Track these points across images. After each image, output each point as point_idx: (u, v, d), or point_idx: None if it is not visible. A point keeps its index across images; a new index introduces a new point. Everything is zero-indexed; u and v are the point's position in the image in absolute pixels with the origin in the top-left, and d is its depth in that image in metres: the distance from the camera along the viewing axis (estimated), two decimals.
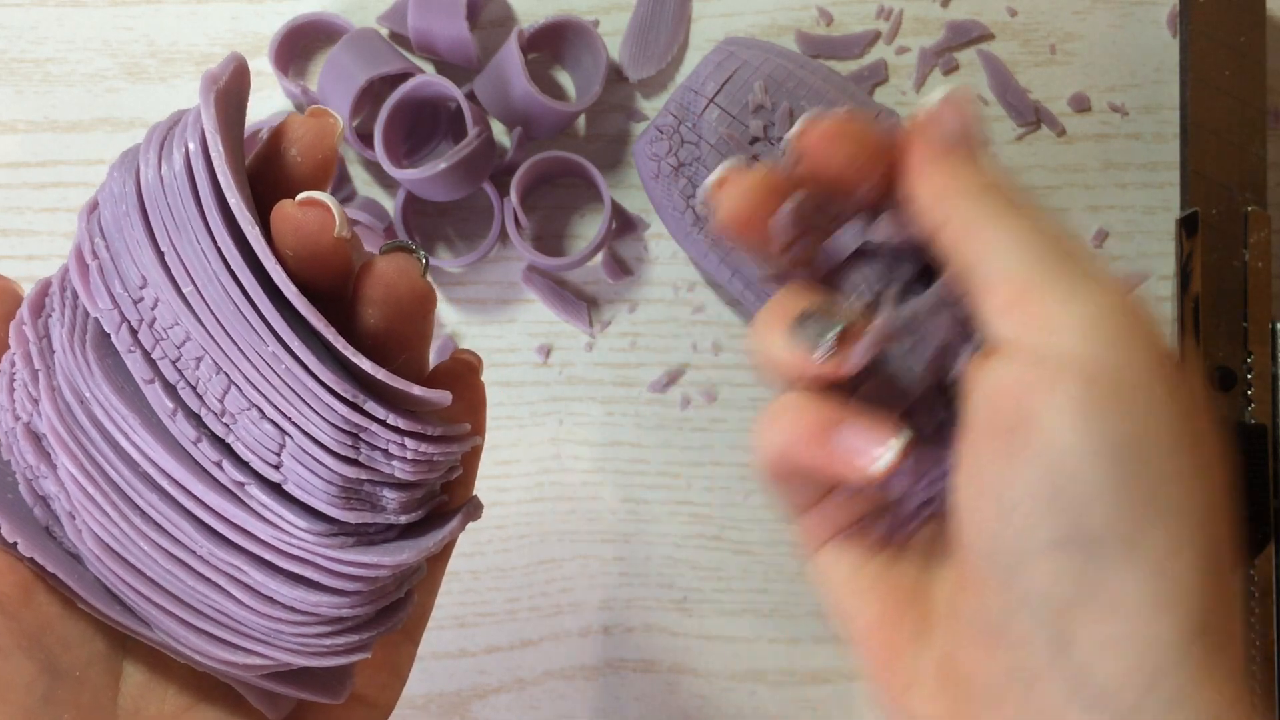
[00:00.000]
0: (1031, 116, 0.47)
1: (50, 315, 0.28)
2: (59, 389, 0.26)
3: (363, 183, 0.47)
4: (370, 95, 0.44)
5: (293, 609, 0.27)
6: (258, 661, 0.28)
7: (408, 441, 0.27)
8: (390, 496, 0.27)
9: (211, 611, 0.27)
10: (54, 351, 0.27)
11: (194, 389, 0.26)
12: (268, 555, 0.27)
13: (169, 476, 0.26)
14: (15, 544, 0.27)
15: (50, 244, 0.47)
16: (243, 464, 0.26)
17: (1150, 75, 0.47)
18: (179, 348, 0.26)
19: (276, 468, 0.26)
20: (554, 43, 0.46)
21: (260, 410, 0.26)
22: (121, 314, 0.26)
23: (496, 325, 0.47)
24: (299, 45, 0.47)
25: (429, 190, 0.43)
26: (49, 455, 0.27)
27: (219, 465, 0.26)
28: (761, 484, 0.46)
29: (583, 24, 0.45)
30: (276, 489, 0.26)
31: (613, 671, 0.47)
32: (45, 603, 0.28)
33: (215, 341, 0.25)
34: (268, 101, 0.47)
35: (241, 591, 0.27)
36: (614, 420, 0.47)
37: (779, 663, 0.47)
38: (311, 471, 0.26)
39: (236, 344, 0.25)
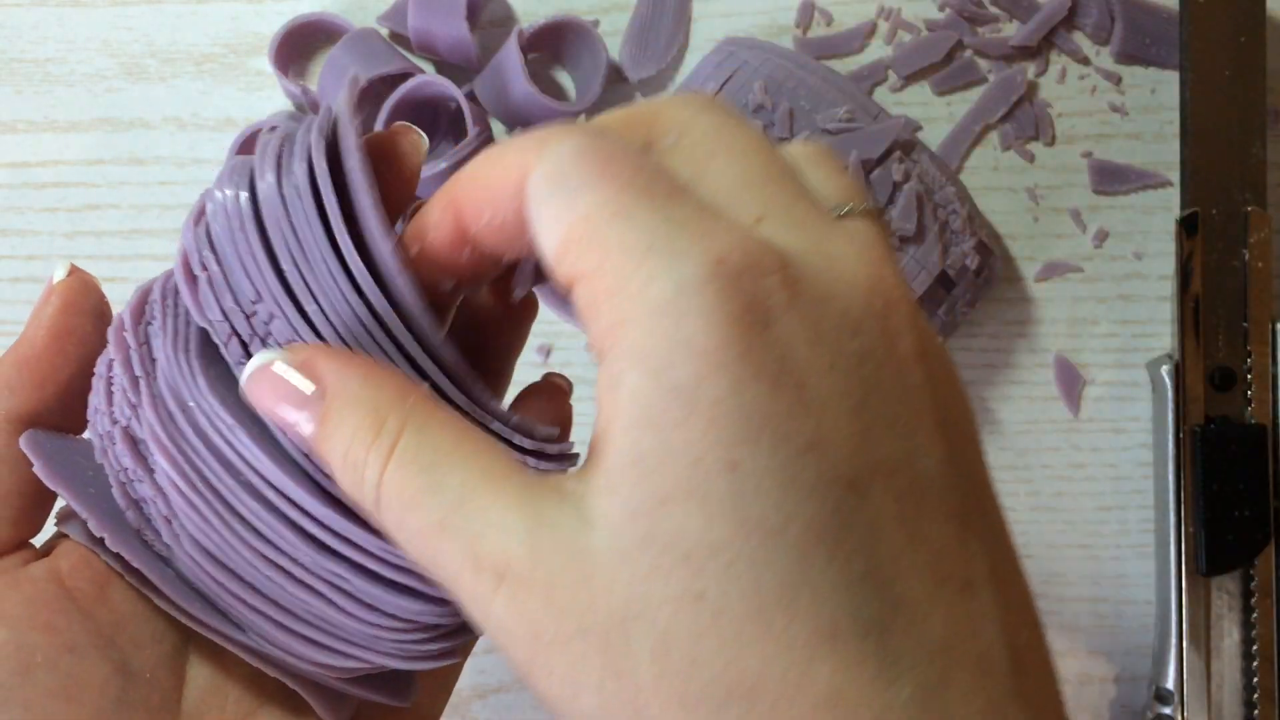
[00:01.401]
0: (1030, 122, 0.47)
1: (151, 323, 0.27)
2: (161, 396, 0.26)
3: None
4: (370, 95, 0.44)
5: (394, 616, 0.27)
6: (354, 665, 0.27)
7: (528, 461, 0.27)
8: None
9: (310, 617, 0.27)
10: (155, 360, 0.27)
11: None
12: (372, 565, 0.26)
13: (274, 487, 0.25)
14: (103, 539, 0.27)
15: (50, 244, 0.47)
16: None
17: (1150, 75, 0.47)
18: None
19: None
20: (554, 43, 0.46)
21: None
22: (232, 327, 0.26)
23: None
24: (299, 45, 0.47)
25: (429, 190, 0.43)
26: (146, 459, 0.27)
27: (329, 477, 0.25)
28: None
29: (583, 24, 0.45)
30: None
31: None
32: (120, 600, 0.27)
33: None
34: (268, 102, 0.47)
35: (343, 599, 0.26)
36: None
37: None
38: None
39: None
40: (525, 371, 0.47)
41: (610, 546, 0.22)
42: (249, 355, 0.25)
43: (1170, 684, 0.44)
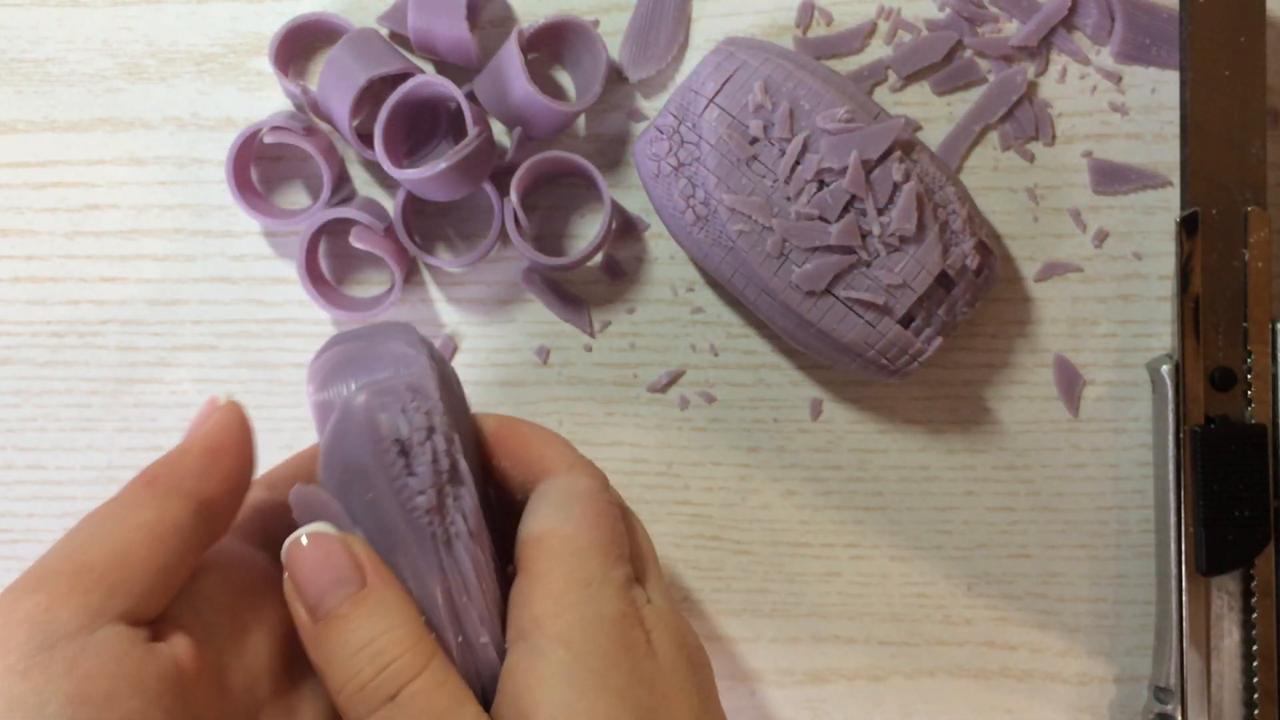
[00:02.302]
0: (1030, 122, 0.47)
1: None
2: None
3: (363, 183, 0.47)
4: (370, 95, 0.44)
5: None
6: None
7: None
8: None
9: None
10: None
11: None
12: None
13: None
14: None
15: (50, 244, 0.47)
16: None
17: (1150, 75, 0.47)
18: None
19: None
20: (554, 43, 0.46)
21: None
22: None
23: (496, 325, 0.47)
24: (299, 45, 0.47)
25: (429, 190, 0.43)
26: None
27: None
28: None
29: (583, 24, 0.45)
30: None
31: None
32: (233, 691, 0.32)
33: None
34: (267, 102, 0.47)
35: None
36: (613, 420, 0.47)
37: (779, 663, 0.47)
38: None
39: None
40: (525, 372, 0.47)
41: None
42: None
43: (1170, 684, 0.44)
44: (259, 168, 0.47)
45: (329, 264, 0.48)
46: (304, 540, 0.31)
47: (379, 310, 0.46)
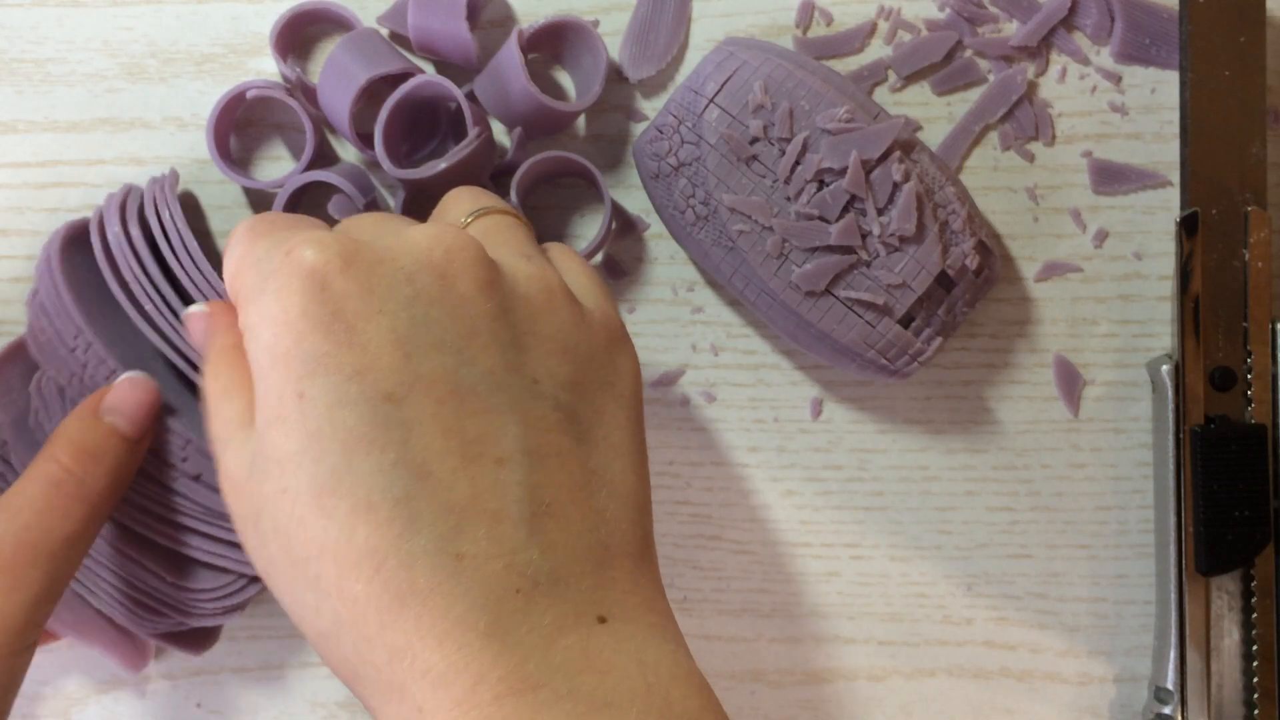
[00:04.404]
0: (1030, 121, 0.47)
1: None
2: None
3: None
4: (370, 95, 0.44)
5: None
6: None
7: None
8: None
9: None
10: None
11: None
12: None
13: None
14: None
15: None
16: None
17: (1150, 75, 0.47)
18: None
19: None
20: (554, 43, 0.46)
21: None
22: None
23: None
24: (300, 36, 0.47)
25: (429, 190, 0.43)
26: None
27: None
28: None
29: (583, 24, 0.45)
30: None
31: None
32: None
33: None
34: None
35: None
36: None
37: (779, 663, 0.47)
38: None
39: None
40: None
41: (251, 462, 0.31)
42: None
43: (1170, 684, 0.44)
44: (240, 139, 0.47)
45: None
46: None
47: None
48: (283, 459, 0.30)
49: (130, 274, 0.40)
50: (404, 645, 0.28)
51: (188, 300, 0.40)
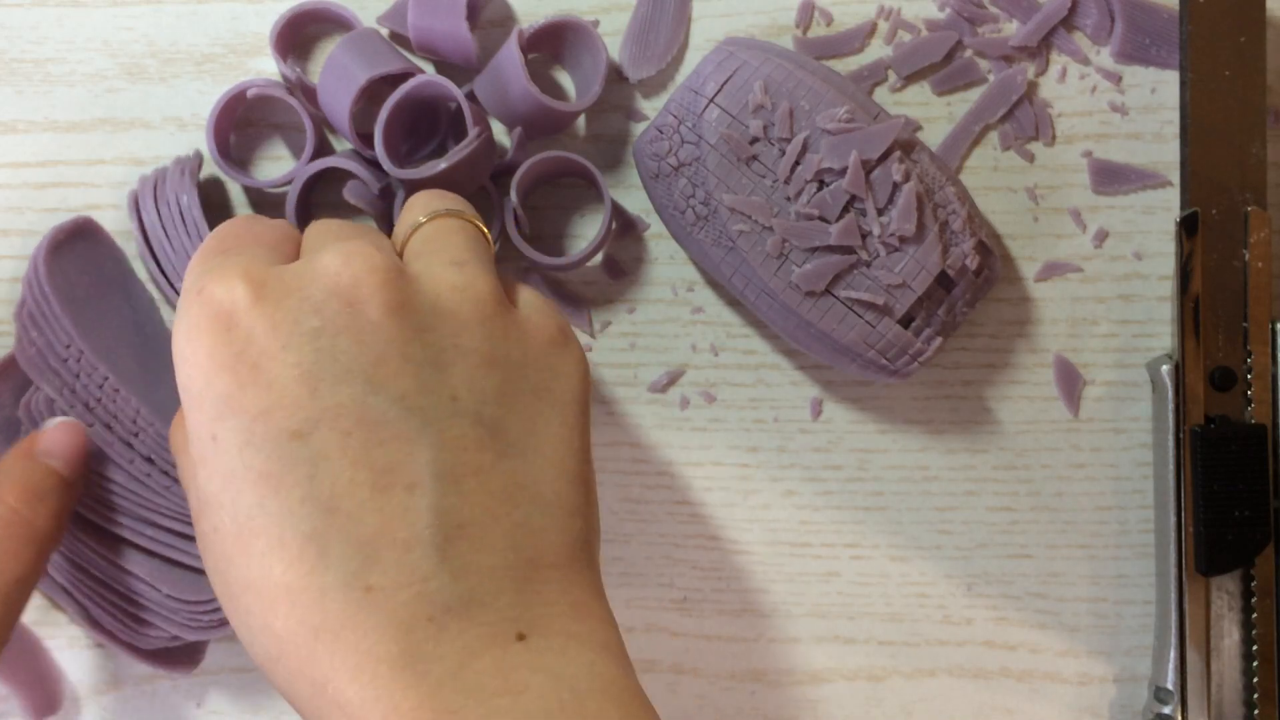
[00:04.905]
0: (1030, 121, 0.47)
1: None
2: None
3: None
4: (370, 95, 0.44)
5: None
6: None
7: None
8: None
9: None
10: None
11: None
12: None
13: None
14: None
15: None
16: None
17: (1150, 75, 0.47)
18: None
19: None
20: (554, 43, 0.46)
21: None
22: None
23: None
24: (300, 36, 0.47)
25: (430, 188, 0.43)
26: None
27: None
28: None
29: (583, 24, 0.45)
30: None
31: None
32: None
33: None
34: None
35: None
36: (614, 420, 0.47)
37: (779, 663, 0.47)
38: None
39: None
40: None
41: (195, 498, 0.32)
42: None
43: (1170, 684, 0.44)
44: (240, 139, 0.47)
45: None
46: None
47: None
48: (208, 499, 0.31)
49: (165, 257, 0.43)
50: (323, 679, 0.29)
51: None
